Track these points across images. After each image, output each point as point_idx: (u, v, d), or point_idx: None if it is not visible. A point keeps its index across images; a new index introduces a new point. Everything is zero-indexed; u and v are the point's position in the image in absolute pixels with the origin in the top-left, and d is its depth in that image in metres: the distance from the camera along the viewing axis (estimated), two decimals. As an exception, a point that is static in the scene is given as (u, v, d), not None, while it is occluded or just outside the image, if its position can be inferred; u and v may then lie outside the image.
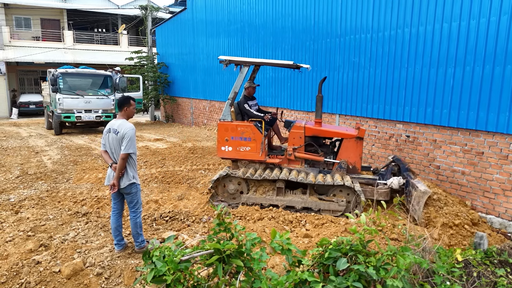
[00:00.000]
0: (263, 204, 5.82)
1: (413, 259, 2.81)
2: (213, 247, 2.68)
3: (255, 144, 5.93)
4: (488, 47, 5.72)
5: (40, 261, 3.92)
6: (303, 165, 6.18)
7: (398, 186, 5.82)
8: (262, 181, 5.96)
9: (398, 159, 6.28)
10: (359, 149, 6.03)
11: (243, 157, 6.06)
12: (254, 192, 5.94)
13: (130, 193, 4.07)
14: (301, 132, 6.09)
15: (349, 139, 5.99)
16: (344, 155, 6.01)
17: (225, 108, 6.11)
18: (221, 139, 6.08)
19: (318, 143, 6.27)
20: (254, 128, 5.91)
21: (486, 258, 3.66)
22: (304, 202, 5.61)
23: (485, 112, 5.80)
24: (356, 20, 8.10)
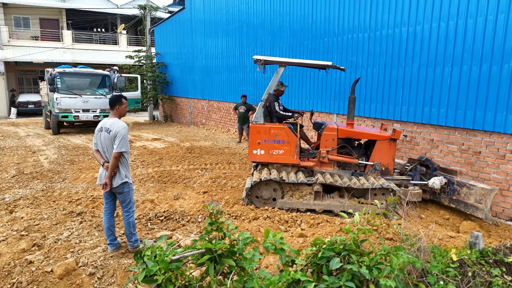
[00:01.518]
0: (300, 209, 5.64)
1: (406, 259, 2.78)
2: (204, 246, 2.65)
3: (289, 147, 5.76)
4: (485, 46, 5.70)
5: (32, 260, 3.88)
6: (335, 167, 6.03)
7: (440, 186, 5.77)
8: (298, 186, 5.77)
9: (428, 160, 6.17)
10: (393, 151, 5.94)
11: (276, 160, 5.87)
12: (291, 197, 5.74)
13: (122, 193, 4.04)
14: (334, 134, 5.93)
15: (383, 141, 5.88)
16: (377, 157, 5.90)
17: (257, 110, 5.90)
18: (253, 142, 5.86)
19: (350, 145, 6.15)
20: (288, 131, 5.75)
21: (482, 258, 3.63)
22: (343, 206, 5.47)
23: (482, 112, 5.78)
24: (354, 19, 8.08)
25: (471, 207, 5.45)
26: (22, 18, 27.10)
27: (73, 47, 26.51)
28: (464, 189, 5.56)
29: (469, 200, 5.49)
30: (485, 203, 5.25)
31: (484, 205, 5.25)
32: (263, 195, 5.83)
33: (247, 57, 12.59)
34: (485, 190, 5.27)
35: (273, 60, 5.82)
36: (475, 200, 5.40)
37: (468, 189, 5.51)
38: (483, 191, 5.29)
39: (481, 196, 5.31)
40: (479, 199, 5.33)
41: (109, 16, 30.72)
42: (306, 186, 5.76)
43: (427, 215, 5.57)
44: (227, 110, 14.52)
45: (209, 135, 14.07)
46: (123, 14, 29.78)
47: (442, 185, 5.79)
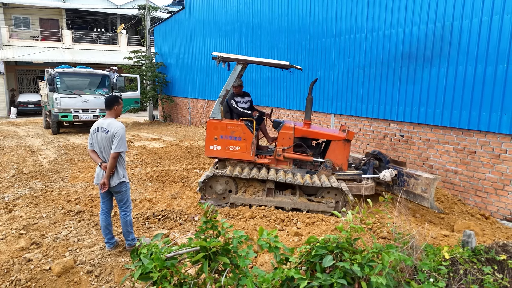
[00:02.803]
0: (252, 204, 5.76)
1: (397, 257, 2.83)
2: (199, 244, 2.70)
3: (245, 144, 5.88)
4: (480, 47, 5.74)
5: (31, 259, 3.94)
6: (291, 165, 6.18)
7: (391, 178, 5.92)
8: (251, 182, 5.89)
9: (380, 153, 6.37)
10: (347, 151, 6.07)
11: (232, 156, 5.98)
12: (244, 193, 5.86)
13: (120, 192, 4.09)
14: (291, 133, 6.08)
15: (337, 141, 6.01)
16: (332, 157, 6.03)
17: (215, 106, 6.02)
18: (210, 138, 5.97)
19: (306, 144, 6.30)
20: (245, 127, 5.86)
21: (474, 256, 3.68)
22: (294, 204, 5.61)
23: (477, 112, 5.83)
24: (351, 20, 8.12)
25: (419, 197, 5.65)
26: (22, 18, 27.14)
27: (73, 47, 26.56)
28: (412, 180, 5.75)
29: (417, 190, 5.67)
30: (430, 192, 5.42)
31: (429, 194, 5.43)
32: (217, 189, 5.93)
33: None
34: (429, 180, 5.45)
35: (231, 58, 5.99)
36: (421, 190, 5.58)
37: (415, 179, 5.69)
38: (427, 181, 5.47)
39: (426, 186, 5.47)
40: (424, 188, 5.50)
41: (109, 16, 30.77)
42: (259, 183, 5.86)
43: (422, 214, 5.62)
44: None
45: (208, 135, 14.10)
46: (123, 14, 29.83)
47: (392, 177, 5.96)
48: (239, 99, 6.57)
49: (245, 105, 6.66)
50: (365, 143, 8.17)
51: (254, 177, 5.67)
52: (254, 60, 6.09)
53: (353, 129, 8.43)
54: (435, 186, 5.44)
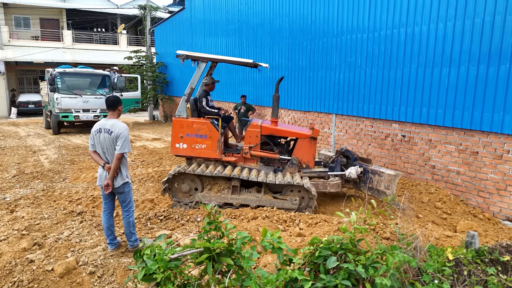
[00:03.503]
0: (218, 203, 5.77)
1: (402, 258, 2.82)
2: (202, 245, 2.69)
3: (211, 142, 5.89)
4: (483, 47, 5.73)
5: (33, 259, 3.92)
6: (259, 163, 6.22)
7: (357, 175, 6.01)
8: (217, 180, 5.89)
9: (347, 151, 6.44)
10: (313, 148, 6.13)
11: (198, 154, 5.98)
12: (209, 191, 5.87)
13: (123, 193, 4.08)
14: (258, 131, 6.12)
15: (304, 138, 6.06)
16: (298, 154, 6.09)
17: (180, 104, 6.02)
18: (175, 136, 5.97)
19: (273, 141, 6.35)
20: (211, 126, 5.87)
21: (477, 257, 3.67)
22: (259, 201, 5.65)
23: (480, 112, 5.82)
24: (353, 20, 8.11)
25: (382, 193, 5.72)
26: (22, 18, 27.14)
27: (73, 47, 26.55)
28: (376, 177, 5.82)
29: (380, 187, 5.75)
30: (392, 188, 5.49)
31: (391, 191, 5.51)
32: (182, 188, 5.95)
33: (246, 57, 12.62)
34: (391, 176, 5.53)
35: (195, 56, 6.03)
36: (384, 187, 5.65)
37: (379, 176, 5.77)
38: (389, 177, 5.54)
39: (388, 182, 5.54)
40: (387, 185, 5.57)
41: (109, 16, 30.76)
42: (225, 181, 5.88)
43: (425, 214, 5.61)
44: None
45: (209, 135, 14.09)
46: (123, 14, 29.81)
47: (358, 174, 6.03)
48: (209, 97, 6.60)
49: (214, 104, 6.68)
50: (366, 144, 8.16)
51: (216, 175, 5.68)
52: (217, 58, 6.15)
53: (354, 129, 8.42)
54: (396, 182, 5.53)
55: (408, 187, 6.79)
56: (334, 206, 6.13)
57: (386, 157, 7.67)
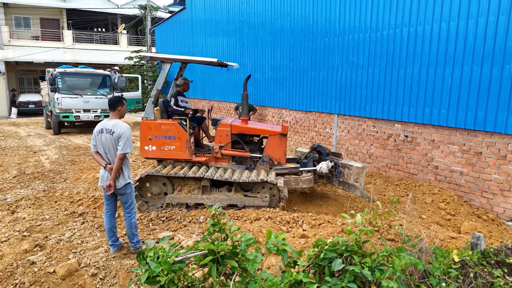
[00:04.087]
0: (189, 203, 5.74)
1: (408, 260, 2.79)
2: (207, 247, 2.66)
3: (180, 143, 5.87)
4: (487, 47, 5.70)
5: (35, 261, 3.89)
6: (230, 162, 6.23)
7: (328, 170, 6.06)
8: (187, 180, 5.86)
9: (319, 146, 6.48)
10: (283, 145, 6.16)
11: (168, 156, 5.95)
12: (179, 192, 5.85)
13: (125, 194, 4.04)
14: (227, 130, 6.15)
15: (274, 136, 6.09)
16: (270, 151, 6.12)
17: (147, 106, 6.01)
18: (144, 138, 5.96)
19: (244, 140, 6.37)
20: (179, 126, 5.85)
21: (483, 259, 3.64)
22: (230, 200, 5.66)
23: (483, 112, 5.78)
24: (355, 20, 8.08)
25: (352, 186, 5.77)
26: (22, 18, 27.10)
27: (74, 47, 26.51)
28: (346, 170, 5.87)
29: (350, 180, 5.79)
30: (360, 181, 5.54)
31: (359, 183, 5.56)
32: (153, 190, 5.93)
33: (247, 57, 12.60)
34: (358, 169, 5.57)
35: (159, 57, 6.07)
36: (353, 180, 5.69)
37: (348, 169, 5.81)
38: (357, 170, 5.59)
39: (357, 175, 5.58)
40: (356, 178, 5.62)
41: (110, 16, 30.72)
42: (195, 181, 5.87)
43: (428, 215, 5.58)
44: (228, 110, 14.53)
45: (209, 135, 14.06)
46: (124, 14, 29.78)
47: (329, 169, 6.09)
48: (181, 98, 6.59)
49: (186, 105, 6.66)
50: (368, 144, 8.12)
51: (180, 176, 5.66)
52: (180, 59, 6.16)
53: (357, 129, 8.38)
54: (364, 174, 5.59)
55: (411, 188, 6.76)
56: (337, 207, 6.09)
57: (389, 158, 7.64)
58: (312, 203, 6.29)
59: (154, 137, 5.90)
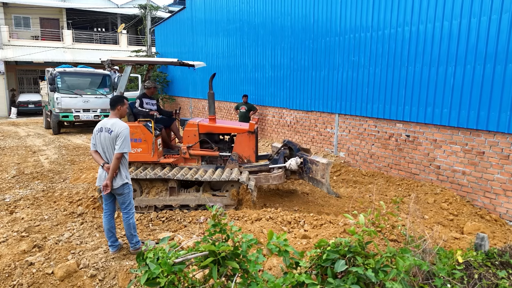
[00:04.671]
0: (157, 205, 5.69)
1: (412, 261, 2.74)
2: (207, 249, 2.61)
3: (147, 145, 5.81)
4: (489, 45, 5.65)
5: (33, 262, 3.85)
6: (200, 162, 6.20)
7: (297, 166, 6.04)
8: (155, 182, 5.82)
9: (289, 142, 6.46)
10: (252, 143, 6.14)
11: (135, 159, 5.87)
12: (147, 194, 5.79)
13: (122, 194, 3.99)
14: (195, 129, 6.13)
15: (242, 134, 6.08)
16: (239, 149, 6.11)
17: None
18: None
19: (213, 139, 6.36)
20: (144, 129, 5.80)
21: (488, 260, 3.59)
22: (198, 200, 5.63)
23: (486, 111, 5.73)
24: (356, 19, 8.03)
25: (319, 182, 5.75)
26: (22, 18, 27.04)
27: (74, 46, 26.46)
28: (314, 166, 5.85)
29: (317, 176, 5.77)
30: (325, 177, 5.53)
31: (325, 179, 5.55)
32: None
33: (248, 57, 12.55)
34: (324, 165, 5.56)
35: (119, 60, 6.08)
36: (320, 176, 5.66)
37: (316, 165, 5.79)
38: (323, 166, 5.57)
39: (323, 171, 5.56)
40: (322, 174, 5.59)
41: (110, 15, 30.68)
42: (162, 183, 5.83)
43: (431, 216, 5.53)
44: (228, 110, 14.48)
45: (210, 135, 14.02)
46: (124, 13, 29.73)
47: (298, 165, 6.07)
48: (147, 100, 6.56)
49: (152, 107, 6.61)
50: (369, 144, 8.07)
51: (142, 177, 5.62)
52: (141, 60, 6.18)
53: (358, 129, 8.33)
54: (329, 170, 5.58)
55: (412, 188, 6.71)
56: (338, 207, 6.04)
57: (390, 157, 7.59)
58: (313, 203, 6.24)
59: None
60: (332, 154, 9.15)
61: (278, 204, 6.04)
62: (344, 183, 7.34)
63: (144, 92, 6.62)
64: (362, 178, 7.59)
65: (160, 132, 6.20)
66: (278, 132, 11.43)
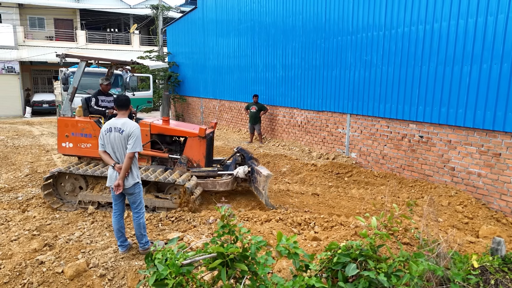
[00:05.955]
0: (100, 202, 5.70)
1: (426, 266, 2.67)
2: (216, 250, 2.58)
3: (96, 141, 5.84)
4: (506, 44, 5.50)
5: (43, 261, 3.87)
6: (150, 162, 6.22)
7: (244, 175, 6.05)
8: (100, 179, 5.82)
9: (242, 149, 6.46)
10: (202, 147, 6.12)
11: (84, 153, 5.97)
12: (91, 190, 5.80)
13: (133, 193, 3.98)
14: (147, 129, 6.14)
15: (192, 138, 6.06)
16: (189, 153, 6.11)
17: (64, 103, 6.10)
18: (61, 135, 6.01)
19: (165, 140, 6.35)
20: (95, 125, 5.84)
21: (504, 265, 3.48)
22: None
23: (503, 112, 5.58)
24: (369, 17, 7.92)
25: (261, 193, 5.71)
26: (37, 19, 27.50)
27: (87, 47, 26.79)
28: (258, 177, 5.82)
29: (260, 186, 5.73)
30: (264, 189, 5.52)
31: (264, 191, 5.54)
32: (66, 187, 5.93)
33: (259, 56, 12.51)
34: (264, 177, 5.53)
35: (73, 55, 6.14)
36: (262, 187, 5.63)
37: (259, 176, 5.75)
38: (263, 178, 5.54)
39: (263, 183, 5.54)
40: (263, 185, 5.57)
41: (122, 16, 30.97)
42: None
43: (445, 218, 5.40)
44: (239, 110, 14.46)
45: (220, 135, 14.03)
46: (136, 14, 29.98)
47: (246, 174, 6.06)
48: (103, 97, 6.55)
49: (108, 104, 6.59)
50: (382, 144, 7.95)
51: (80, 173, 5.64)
52: (95, 57, 6.20)
53: (370, 129, 8.22)
54: (268, 183, 5.55)
55: (426, 190, 6.57)
56: (349, 209, 5.95)
57: (403, 158, 7.46)
58: (324, 204, 6.17)
59: (71, 134, 5.99)
60: (343, 154, 9.04)
61: (288, 205, 5.98)
62: (356, 184, 7.24)
63: (98, 89, 6.67)
64: (374, 179, 7.48)
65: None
66: (288, 132, 11.35)
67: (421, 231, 3.67)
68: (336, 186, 7.07)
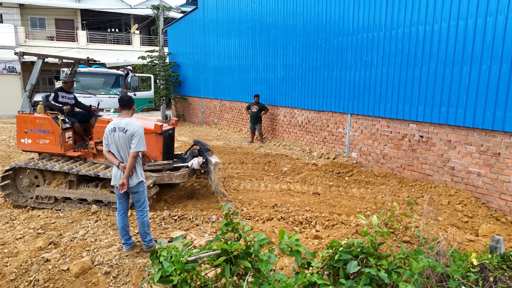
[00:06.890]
0: (57, 197, 5.80)
1: (426, 263, 2.72)
2: (220, 247, 2.63)
3: (54, 137, 5.95)
4: (506, 45, 5.55)
5: (49, 259, 3.92)
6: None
7: (199, 166, 6.12)
8: (56, 175, 5.92)
9: (198, 142, 6.55)
10: (159, 144, 6.18)
11: (42, 149, 6.08)
12: (48, 185, 5.90)
13: (137, 192, 4.04)
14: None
15: (150, 134, 6.08)
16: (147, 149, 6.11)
17: (23, 100, 6.17)
18: (20, 131, 6.11)
19: None
20: (52, 121, 5.92)
21: (503, 263, 3.53)
22: (95, 195, 5.68)
23: (502, 112, 5.63)
24: (369, 18, 7.97)
25: (214, 182, 5.84)
26: (38, 19, 27.55)
27: (88, 47, 26.84)
28: (210, 166, 5.91)
29: (212, 175, 5.84)
30: (213, 177, 5.64)
31: (213, 179, 5.66)
32: (23, 182, 6.03)
33: (259, 56, 12.56)
34: (212, 165, 5.65)
35: (31, 53, 6.24)
36: (212, 176, 5.74)
37: (211, 165, 5.86)
38: (212, 166, 5.66)
39: (213, 171, 5.65)
40: (213, 174, 5.68)
41: (123, 16, 31.02)
42: (63, 175, 5.91)
43: (445, 217, 5.46)
44: (240, 110, 14.51)
45: (221, 135, 14.08)
46: (137, 14, 30.04)
47: (200, 165, 6.14)
48: (63, 94, 6.63)
49: (68, 101, 6.67)
50: (382, 144, 8.01)
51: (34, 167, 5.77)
52: (51, 55, 6.30)
53: (370, 129, 8.27)
54: (216, 170, 5.72)
55: (426, 189, 6.63)
56: (350, 208, 6.01)
57: (403, 158, 7.51)
58: (325, 203, 6.22)
59: (29, 131, 6.07)
60: (344, 154, 9.10)
61: (289, 204, 6.04)
62: (356, 183, 7.30)
63: (60, 86, 6.73)
64: (375, 178, 7.54)
65: (72, 125, 6.32)
66: (289, 132, 11.41)
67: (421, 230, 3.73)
68: (336, 186, 7.12)
